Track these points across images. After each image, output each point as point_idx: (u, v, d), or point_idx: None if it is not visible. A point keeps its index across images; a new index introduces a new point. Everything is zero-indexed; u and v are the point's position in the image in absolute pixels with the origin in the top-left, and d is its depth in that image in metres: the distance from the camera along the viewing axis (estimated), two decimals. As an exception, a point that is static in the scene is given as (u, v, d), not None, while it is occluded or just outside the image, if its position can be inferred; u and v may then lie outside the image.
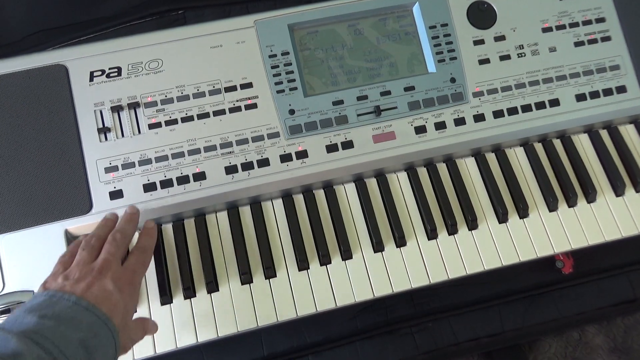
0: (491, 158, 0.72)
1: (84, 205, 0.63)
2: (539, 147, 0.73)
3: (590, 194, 0.70)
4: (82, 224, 0.63)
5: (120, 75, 0.66)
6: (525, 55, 0.72)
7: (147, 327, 0.56)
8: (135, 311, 0.62)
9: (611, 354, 0.73)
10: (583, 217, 0.69)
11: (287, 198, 0.68)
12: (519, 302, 0.75)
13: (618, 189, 0.71)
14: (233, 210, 0.67)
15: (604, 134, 0.74)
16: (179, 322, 0.62)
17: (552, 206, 0.69)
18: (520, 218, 0.69)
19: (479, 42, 0.72)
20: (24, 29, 0.82)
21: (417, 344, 0.71)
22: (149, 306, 0.63)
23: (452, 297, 0.74)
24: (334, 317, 0.72)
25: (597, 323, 0.75)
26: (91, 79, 0.66)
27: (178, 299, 0.63)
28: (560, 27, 0.73)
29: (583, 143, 0.74)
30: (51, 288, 0.49)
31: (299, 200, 0.69)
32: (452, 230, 0.68)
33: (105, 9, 0.81)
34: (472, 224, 0.68)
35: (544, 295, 0.75)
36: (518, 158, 0.73)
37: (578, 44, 0.73)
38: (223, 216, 0.67)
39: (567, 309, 0.75)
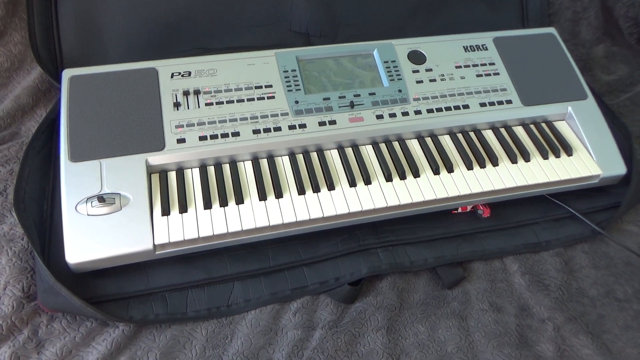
0: (428, 140, 1.08)
1: (160, 145, 0.96)
2: (460, 135, 1.10)
3: (495, 160, 1.05)
4: (157, 157, 0.95)
5: (190, 76, 1.05)
6: (445, 80, 1.13)
7: None
8: (187, 211, 0.92)
9: (524, 275, 1.00)
10: (490, 173, 1.03)
11: (291, 155, 1.02)
12: (454, 239, 1.04)
13: (512, 159, 1.06)
14: (255, 161, 1.01)
15: (503, 130, 1.12)
16: (215, 220, 0.92)
17: (469, 166, 1.04)
18: (447, 173, 1.03)
19: (415, 71, 1.13)
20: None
21: (380, 258, 0.99)
22: (195, 210, 0.93)
23: (404, 233, 1.03)
24: (321, 241, 1.00)
25: (512, 256, 1.03)
26: (172, 77, 1.05)
27: (215, 207, 0.93)
28: (467, 66, 1.16)
29: (489, 135, 1.11)
30: None
31: (300, 158, 1.03)
32: (401, 177, 1.01)
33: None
34: (416, 174, 1.01)
35: (473, 236, 1.05)
36: (446, 141, 1.09)
37: (479, 75, 1.15)
38: (248, 164, 1.01)
39: (489, 247, 1.04)
